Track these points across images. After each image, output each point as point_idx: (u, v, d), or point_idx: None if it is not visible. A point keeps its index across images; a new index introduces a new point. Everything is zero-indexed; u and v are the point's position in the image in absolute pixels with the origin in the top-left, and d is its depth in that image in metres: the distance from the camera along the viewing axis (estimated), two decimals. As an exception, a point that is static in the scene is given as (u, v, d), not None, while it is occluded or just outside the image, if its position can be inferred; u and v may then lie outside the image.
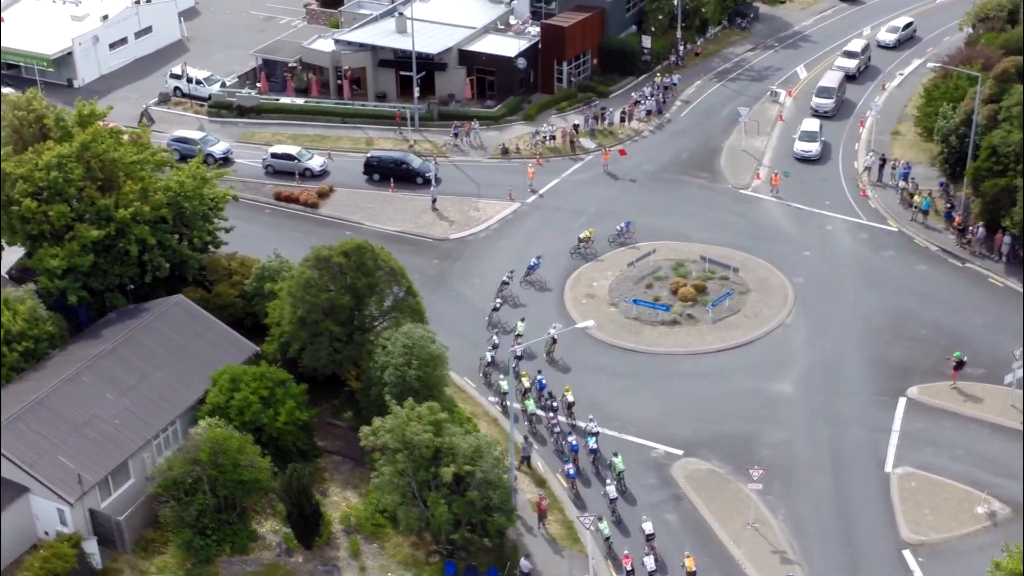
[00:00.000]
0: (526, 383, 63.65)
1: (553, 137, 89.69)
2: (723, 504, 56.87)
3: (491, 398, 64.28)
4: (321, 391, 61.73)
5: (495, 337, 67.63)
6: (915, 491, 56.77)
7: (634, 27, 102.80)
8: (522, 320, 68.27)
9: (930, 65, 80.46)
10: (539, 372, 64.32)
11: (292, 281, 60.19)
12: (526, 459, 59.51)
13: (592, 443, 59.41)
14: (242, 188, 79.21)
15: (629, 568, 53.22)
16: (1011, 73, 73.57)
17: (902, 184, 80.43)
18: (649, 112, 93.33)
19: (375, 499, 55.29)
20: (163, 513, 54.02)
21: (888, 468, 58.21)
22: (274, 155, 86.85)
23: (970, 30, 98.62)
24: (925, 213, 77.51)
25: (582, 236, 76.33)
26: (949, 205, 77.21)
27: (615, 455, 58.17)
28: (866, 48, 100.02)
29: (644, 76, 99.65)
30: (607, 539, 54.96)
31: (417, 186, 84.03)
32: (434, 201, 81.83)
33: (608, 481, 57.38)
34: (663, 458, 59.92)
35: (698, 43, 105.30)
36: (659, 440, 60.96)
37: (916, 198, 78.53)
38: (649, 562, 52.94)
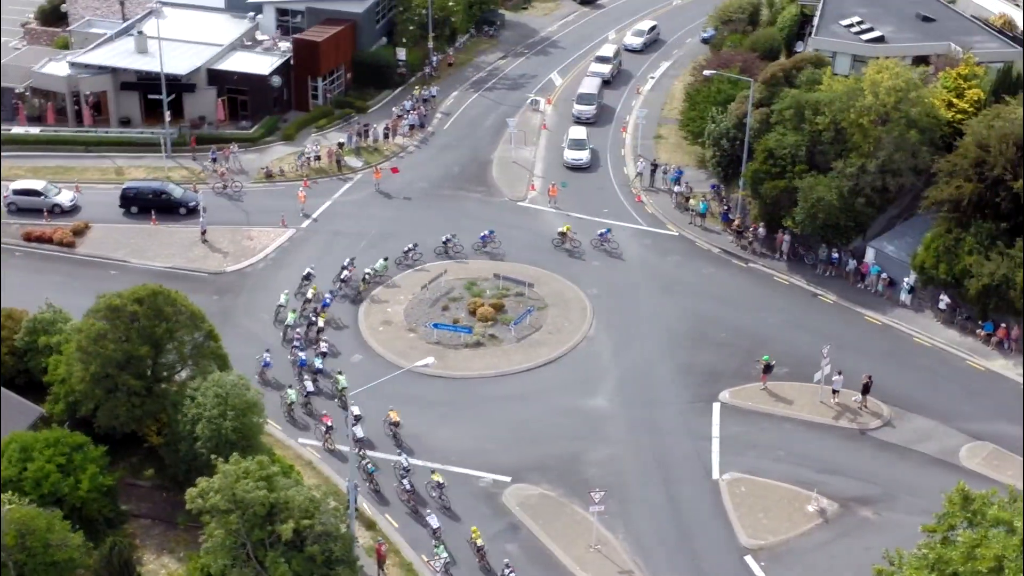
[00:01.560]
0: (309, 295, 69.87)
1: (318, 157, 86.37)
2: (562, 528, 55.59)
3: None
4: (117, 449, 56.53)
5: (347, 258, 73.13)
6: (746, 496, 57.24)
7: (385, 39, 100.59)
8: (385, 259, 72.98)
9: (707, 72, 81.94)
10: (330, 293, 70.27)
11: (81, 334, 54.93)
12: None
13: (319, 363, 64.65)
14: (-17, 230, 72.22)
15: (329, 425, 59.81)
16: (779, 77, 75.75)
17: (676, 188, 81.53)
18: (412, 126, 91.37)
19: (203, 564, 50.90)
20: (-39, 609, 48.13)
21: (716, 475, 58.38)
22: (16, 192, 79.55)
23: (712, 31, 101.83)
24: (703, 216, 78.74)
25: (561, 230, 76.61)
26: (725, 207, 78.82)
27: (339, 373, 63.12)
28: (618, 52, 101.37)
29: (400, 89, 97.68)
30: (327, 430, 60.00)
31: (180, 217, 79.16)
32: (204, 232, 77.20)
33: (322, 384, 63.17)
34: (492, 487, 58.07)
35: (449, 53, 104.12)
36: (484, 468, 59.06)
37: (692, 201, 79.74)
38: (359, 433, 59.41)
